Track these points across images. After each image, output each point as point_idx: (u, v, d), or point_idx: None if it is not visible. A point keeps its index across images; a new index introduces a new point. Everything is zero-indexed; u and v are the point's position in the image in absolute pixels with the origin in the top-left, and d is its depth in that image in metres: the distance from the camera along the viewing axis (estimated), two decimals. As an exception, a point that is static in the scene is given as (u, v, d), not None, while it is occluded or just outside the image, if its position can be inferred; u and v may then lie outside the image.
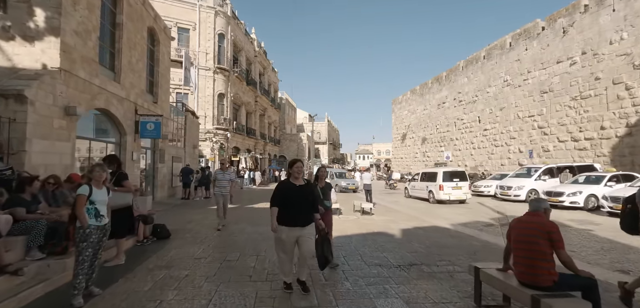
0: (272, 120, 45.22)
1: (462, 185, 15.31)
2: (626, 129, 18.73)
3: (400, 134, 50.31)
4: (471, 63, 33.36)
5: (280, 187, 3.97)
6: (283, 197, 3.86)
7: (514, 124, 27.39)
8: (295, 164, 4.04)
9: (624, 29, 18.88)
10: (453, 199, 14.98)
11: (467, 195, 15.30)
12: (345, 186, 21.51)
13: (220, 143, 27.60)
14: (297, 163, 4.06)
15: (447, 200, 14.93)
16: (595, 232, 8.18)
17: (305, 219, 3.88)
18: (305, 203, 3.90)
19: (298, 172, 3.99)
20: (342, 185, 21.43)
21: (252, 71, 36.18)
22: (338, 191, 20.21)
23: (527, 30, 26.12)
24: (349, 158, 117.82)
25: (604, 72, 19.97)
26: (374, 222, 9.39)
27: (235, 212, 11.14)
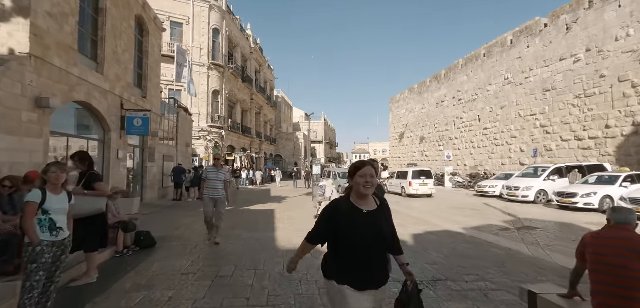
0: (268, 119, 44.37)
1: (428, 182, 18.14)
2: (632, 127, 18.24)
3: (398, 133, 49.73)
4: (471, 61, 32.82)
5: (333, 214, 2.07)
6: (341, 233, 2.00)
7: (516, 123, 26.88)
8: (362, 169, 2.08)
9: (631, 25, 18.39)
10: (420, 193, 17.73)
11: (432, 190, 18.25)
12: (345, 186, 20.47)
13: (214, 142, 26.72)
14: (367, 169, 2.10)
15: (415, 194, 17.75)
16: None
17: (382, 274, 2.12)
18: (381, 244, 2.07)
19: (370, 184, 2.07)
20: (344, 186, 20.40)
21: (248, 68, 35.31)
22: (342, 193, 19.27)
23: (529, 28, 25.59)
24: (345, 158, 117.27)
25: (610, 70, 19.48)
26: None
27: (230, 215, 10.35)
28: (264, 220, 9.46)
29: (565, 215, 10.85)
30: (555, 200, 12.22)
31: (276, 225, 8.47)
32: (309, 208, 12.56)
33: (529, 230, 8.38)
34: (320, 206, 9.69)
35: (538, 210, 12.41)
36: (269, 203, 13.98)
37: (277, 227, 8.30)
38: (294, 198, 16.68)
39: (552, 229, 8.54)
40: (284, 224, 8.72)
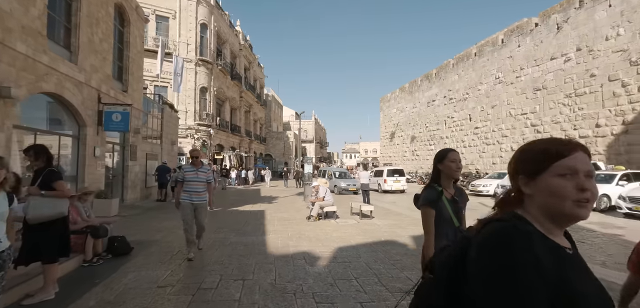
0: (257, 117, 43.58)
1: (400, 180, 20.86)
2: (622, 126, 18.34)
3: (389, 133, 49.61)
4: (462, 60, 32.81)
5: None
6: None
7: (506, 122, 26.92)
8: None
9: (621, 24, 18.47)
10: (394, 189, 20.33)
11: (404, 186, 20.84)
12: (345, 187, 19.21)
13: (202, 140, 25.89)
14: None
15: (390, 190, 20.32)
16: (627, 237, 7.26)
17: None
18: None
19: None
20: (341, 186, 19.35)
21: (237, 65, 34.49)
22: (337, 193, 18.73)
23: (520, 27, 25.63)
24: (335, 157, 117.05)
25: (600, 69, 19.56)
26: (378, 227, 8.20)
27: (217, 217, 9.73)
28: (253, 222, 8.88)
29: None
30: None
31: (267, 228, 7.91)
32: (300, 208, 12.02)
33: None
34: (313, 207, 9.16)
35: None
36: (259, 204, 13.39)
37: (268, 229, 7.74)
38: (284, 199, 16.11)
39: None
40: (275, 226, 8.17)
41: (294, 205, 13.27)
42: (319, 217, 9.19)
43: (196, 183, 5.15)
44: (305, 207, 11.65)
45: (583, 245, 6.58)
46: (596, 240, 7.00)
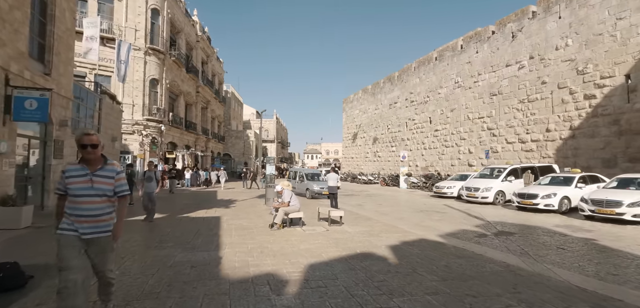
0: (216, 115, 41.16)
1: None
2: (570, 131, 19.44)
3: (351, 134, 49.67)
4: (423, 64, 33.49)
5: None
6: None
7: (464, 125, 27.76)
8: None
9: (569, 35, 19.60)
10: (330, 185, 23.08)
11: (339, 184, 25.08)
12: (318, 191, 16.76)
13: (152, 137, 23.48)
14: None
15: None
16: (601, 242, 7.13)
17: None
18: None
19: None
20: (314, 190, 17.11)
21: (194, 58, 32.11)
22: (309, 197, 17.17)
23: (478, 34, 26.55)
24: (297, 158, 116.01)
25: (550, 77, 20.64)
26: (350, 236, 7.35)
27: (161, 226, 8.27)
28: (206, 232, 7.58)
29: (528, 217, 10.63)
30: (516, 201, 12.10)
31: (222, 240, 6.69)
32: (262, 213, 10.84)
33: (507, 236, 7.70)
34: (276, 213, 8.08)
35: (500, 211, 12.19)
36: (215, 209, 11.96)
37: (224, 242, 6.53)
38: (244, 202, 14.76)
39: (528, 234, 7.98)
40: (233, 238, 6.97)
41: (255, 210, 12.03)
42: (283, 224, 8.14)
43: (89, 199, 2.79)
44: (268, 212, 10.52)
45: (565, 252, 6.25)
46: (574, 246, 6.75)
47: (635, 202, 8.62)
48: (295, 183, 18.72)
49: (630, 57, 16.74)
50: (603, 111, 17.77)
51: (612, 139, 17.38)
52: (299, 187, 18.00)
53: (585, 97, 18.68)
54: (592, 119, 18.30)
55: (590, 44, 18.51)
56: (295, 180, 19.16)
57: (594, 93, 18.24)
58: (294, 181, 19.27)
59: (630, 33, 16.74)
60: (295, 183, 18.66)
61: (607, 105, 17.62)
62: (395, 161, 37.85)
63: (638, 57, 16.39)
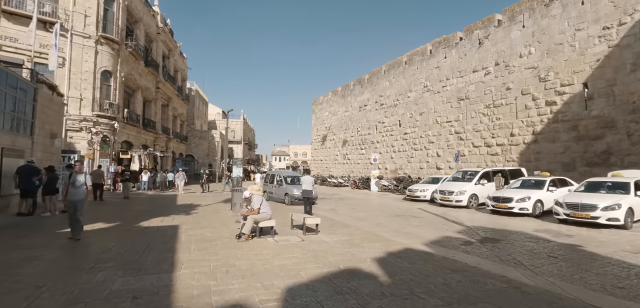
0: (178, 113, 38.67)
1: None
2: (532, 136, 20.16)
3: (321, 136, 49.14)
4: (393, 67, 33.71)
5: None
6: None
7: (433, 129, 28.14)
8: None
9: (532, 44, 20.36)
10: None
11: None
12: (298, 196, 14.25)
13: (103, 135, 21.19)
14: None
15: None
16: (587, 248, 6.91)
17: None
18: None
19: None
20: (294, 195, 14.77)
21: (154, 51, 29.78)
22: (288, 203, 15.03)
23: (447, 40, 27.05)
24: (264, 160, 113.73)
25: (514, 83, 21.32)
26: (328, 246, 6.55)
27: (105, 240, 6.94)
28: (159, 246, 6.41)
29: (505, 221, 10.49)
30: (491, 205, 12.01)
31: (178, 257, 5.57)
32: (227, 221, 9.72)
33: (493, 244, 7.31)
34: (245, 222, 7.07)
35: (475, 215, 12.03)
36: (173, 216, 10.62)
37: (180, 260, 5.43)
38: (207, 208, 13.45)
39: (512, 241, 7.66)
40: (192, 254, 5.87)
41: (219, 217, 10.84)
42: (252, 234, 7.15)
43: None
44: (234, 219, 9.44)
45: (558, 261, 5.88)
46: (564, 254, 6.45)
47: (609, 206, 8.69)
48: (272, 187, 17.36)
49: (587, 66, 17.58)
50: (563, 117, 18.54)
51: (571, 144, 18.16)
52: (277, 192, 16.71)
53: (546, 104, 19.43)
54: (553, 125, 19.05)
55: (551, 53, 19.28)
56: (272, 185, 17.61)
57: (555, 100, 19.01)
58: (271, 185, 17.67)
59: (587, 44, 17.59)
60: (273, 187, 17.31)
61: (566, 112, 18.40)
62: (365, 164, 37.78)
63: (595, 66, 17.24)
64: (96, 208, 11.79)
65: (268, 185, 18.08)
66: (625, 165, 15.58)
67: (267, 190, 17.61)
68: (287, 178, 16.76)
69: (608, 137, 16.68)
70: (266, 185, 18.17)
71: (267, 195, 17.02)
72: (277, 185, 17.08)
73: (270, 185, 17.83)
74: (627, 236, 8.00)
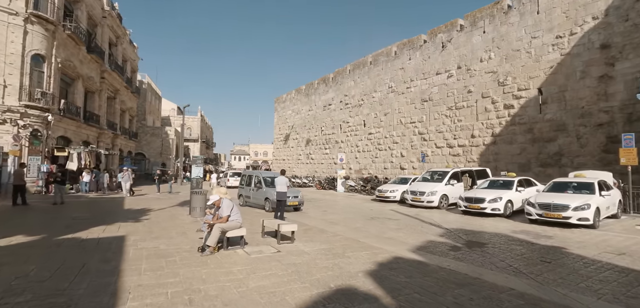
0: (127, 107, 35.23)
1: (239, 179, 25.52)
2: (491, 138, 20.94)
3: (283, 135, 47.95)
4: (358, 67, 33.63)
5: None
6: None
7: (397, 129, 28.39)
8: None
9: (492, 49, 21.16)
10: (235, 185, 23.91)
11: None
12: None
13: (33, 129, 18.26)
14: None
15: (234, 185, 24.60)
16: (572, 250, 6.79)
17: None
18: None
19: None
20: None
21: (98, 36, 26.63)
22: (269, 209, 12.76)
23: (411, 42, 27.43)
24: (223, 159, 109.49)
25: (475, 86, 22.04)
26: (310, 258, 5.70)
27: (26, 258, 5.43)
28: (99, 266, 5.10)
29: (480, 222, 10.39)
30: (463, 205, 11.94)
31: (124, 282, 4.36)
32: (186, 229, 8.43)
33: (481, 248, 6.96)
34: (210, 232, 5.96)
35: (448, 216, 11.88)
36: (118, 224, 9.05)
37: (127, 286, 4.22)
38: (160, 213, 11.87)
39: (498, 244, 7.39)
40: (143, 275, 4.67)
41: (176, 223, 9.46)
42: (218, 246, 6.06)
43: None
44: (195, 227, 8.19)
45: (553, 266, 5.58)
46: (554, 257, 6.22)
47: (579, 207, 8.87)
48: (250, 191, 14.78)
49: (542, 72, 18.55)
50: (520, 120, 19.42)
51: (526, 146, 19.07)
52: (256, 197, 14.25)
53: (505, 107, 20.25)
54: (510, 127, 19.89)
55: (509, 59, 20.13)
56: (249, 187, 14.99)
57: (513, 103, 19.86)
58: (248, 188, 15.12)
59: (542, 51, 18.56)
60: (251, 191, 14.71)
61: (523, 115, 19.29)
62: (329, 164, 37.36)
63: (548, 73, 18.22)
64: (16, 216, 9.76)
65: (244, 188, 15.49)
66: (575, 166, 16.61)
67: (243, 194, 15.42)
68: (268, 180, 14.34)
69: (560, 140, 17.69)
70: (242, 188, 15.71)
71: (242, 200, 15.28)
72: (255, 188, 14.43)
73: (246, 188, 15.23)
74: (600, 235, 8.15)
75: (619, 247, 6.87)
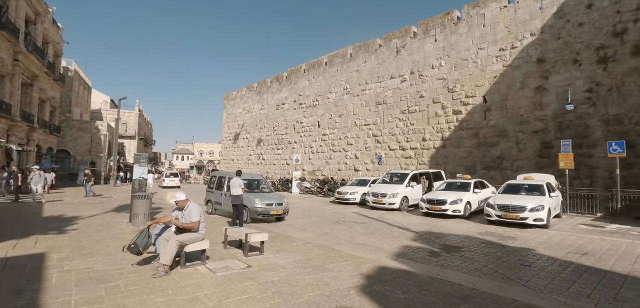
0: (48, 97, 30.41)
1: (175, 179, 31.10)
2: (441, 141, 21.97)
3: (233, 134, 45.75)
4: (313, 67, 33.25)
5: None
6: None
7: (352, 131, 28.55)
8: None
9: (443, 57, 22.22)
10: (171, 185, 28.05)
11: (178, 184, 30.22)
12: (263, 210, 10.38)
13: None
14: None
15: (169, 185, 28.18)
16: (540, 251, 6.96)
17: None
18: None
19: None
20: (257, 208, 10.32)
21: (12, 10, 22.42)
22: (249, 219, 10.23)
23: (367, 45, 27.79)
24: (163, 158, 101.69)
25: (427, 92, 22.97)
26: (288, 273, 4.96)
27: None
28: (4, 300, 3.75)
29: (443, 224, 10.51)
30: (425, 207, 12.06)
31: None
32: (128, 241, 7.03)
33: (459, 252, 6.84)
34: (166, 245, 4.86)
35: (411, 218, 11.90)
36: (36, 236, 7.28)
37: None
38: (92, 221, 10.01)
39: (471, 247, 7.35)
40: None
41: (114, 234, 7.93)
42: (175, 262, 4.99)
43: None
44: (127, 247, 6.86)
45: (534, 270, 5.56)
46: (532, 261, 6.27)
47: (535, 208, 9.38)
48: (221, 196, 11.86)
49: (487, 81, 19.88)
50: (467, 125, 20.61)
51: (472, 150, 20.29)
52: (227, 203, 10.92)
53: (453, 112, 21.35)
54: (458, 132, 21.02)
55: (458, 67, 21.28)
56: (220, 191, 12.05)
57: (461, 109, 21.01)
58: (218, 192, 12.15)
59: (487, 62, 19.90)
60: (222, 196, 11.78)
61: (469, 121, 20.50)
62: (281, 164, 36.41)
63: (492, 82, 19.59)
64: None
65: (213, 193, 12.52)
66: (514, 169, 18.04)
67: (212, 200, 12.53)
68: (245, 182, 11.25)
69: (501, 144, 19.08)
70: (210, 193, 12.78)
71: (211, 206, 12.56)
72: (227, 194, 10.98)
73: (216, 193, 12.21)
74: (555, 235, 8.66)
75: (579, 246, 7.26)
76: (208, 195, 13.07)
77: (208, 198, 12.95)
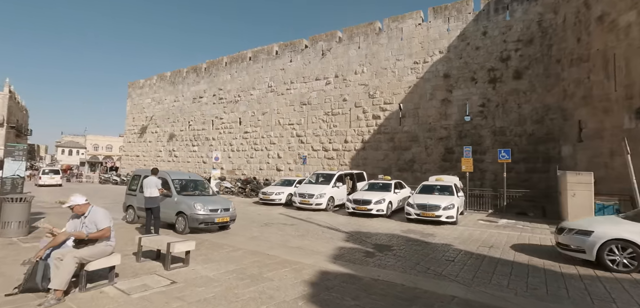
0: None
1: (55, 177, 28.43)
2: (361, 144, 23.20)
3: (139, 127, 40.56)
4: (236, 61, 31.65)
5: None
6: None
7: (275, 130, 28.07)
8: None
9: (365, 64, 23.50)
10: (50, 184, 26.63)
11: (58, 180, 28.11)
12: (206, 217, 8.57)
13: None
14: None
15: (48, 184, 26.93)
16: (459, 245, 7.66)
17: None
18: None
19: None
20: (199, 215, 8.44)
21: None
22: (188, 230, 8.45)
23: (293, 44, 27.66)
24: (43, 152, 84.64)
25: (350, 96, 23.99)
26: (224, 289, 4.35)
27: None
28: None
29: (370, 223, 10.91)
30: (352, 207, 12.39)
31: None
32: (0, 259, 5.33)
33: (390, 251, 7.07)
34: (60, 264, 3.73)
35: (337, 218, 12.07)
36: None
37: None
38: None
39: (399, 245, 7.70)
40: None
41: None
42: (73, 280, 3.88)
43: None
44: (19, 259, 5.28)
45: (461, 264, 6.04)
46: (453, 256, 6.82)
47: (447, 206, 10.45)
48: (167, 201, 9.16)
49: (402, 91, 21.70)
50: (384, 130, 22.16)
51: (389, 153, 21.91)
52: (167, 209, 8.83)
53: (373, 117, 22.74)
54: (377, 135, 22.47)
55: (378, 75, 22.75)
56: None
57: (379, 114, 22.50)
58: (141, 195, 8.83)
59: (403, 72, 21.73)
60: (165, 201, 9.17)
61: (387, 126, 22.09)
62: (197, 162, 33.73)
63: (407, 91, 21.47)
64: None
65: (136, 196, 9.98)
66: (423, 171, 20.08)
67: (134, 205, 10.13)
68: (183, 183, 10.01)
69: (413, 149, 21.04)
70: (132, 196, 10.28)
71: (133, 213, 10.21)
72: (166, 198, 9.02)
73: (139, 196, 9.43)
74: (464, 230, 9.77)
75: (484, 240, 8.30)
76: (129, 199, 10.60)
77: (129, 204, 10.50)
